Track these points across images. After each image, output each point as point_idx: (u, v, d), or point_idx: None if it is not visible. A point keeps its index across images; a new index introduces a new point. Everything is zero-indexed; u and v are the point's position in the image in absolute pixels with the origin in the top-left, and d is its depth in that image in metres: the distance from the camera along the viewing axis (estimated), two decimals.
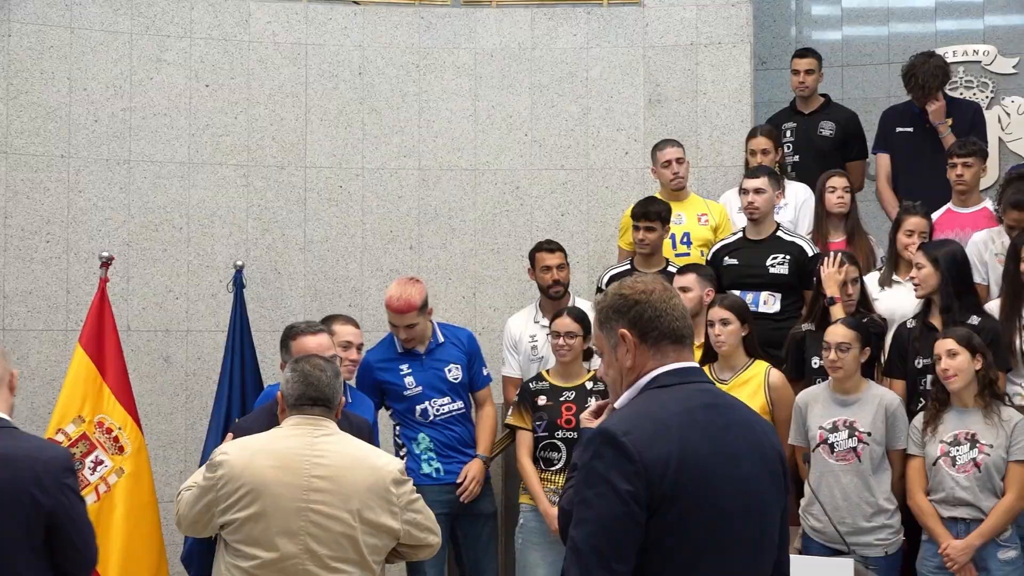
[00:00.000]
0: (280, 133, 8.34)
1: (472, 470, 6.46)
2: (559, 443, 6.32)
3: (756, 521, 2.99)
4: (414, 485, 4.63)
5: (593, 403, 3.39)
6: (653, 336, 3.05)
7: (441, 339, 6.65)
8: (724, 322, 6.08)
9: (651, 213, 6.97)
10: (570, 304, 6.86)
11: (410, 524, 4.47)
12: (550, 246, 7.10)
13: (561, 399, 6.35)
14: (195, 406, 7.99)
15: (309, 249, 8.31)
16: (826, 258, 6.39)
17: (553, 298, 6.98)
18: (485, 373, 6.79)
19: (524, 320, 7.12)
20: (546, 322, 6.70)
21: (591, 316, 6.61)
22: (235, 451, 4.47)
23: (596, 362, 6.77)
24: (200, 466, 6.96)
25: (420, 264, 8.13)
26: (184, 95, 8.22)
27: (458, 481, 6.43)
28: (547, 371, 6.56)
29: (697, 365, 3.14)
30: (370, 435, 5.27)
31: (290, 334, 5.27)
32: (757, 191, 6.90)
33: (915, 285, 6.22)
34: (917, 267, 6.20)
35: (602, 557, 2.84)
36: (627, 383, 3.09)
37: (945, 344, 5.64)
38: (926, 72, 7.60)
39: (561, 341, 6.37)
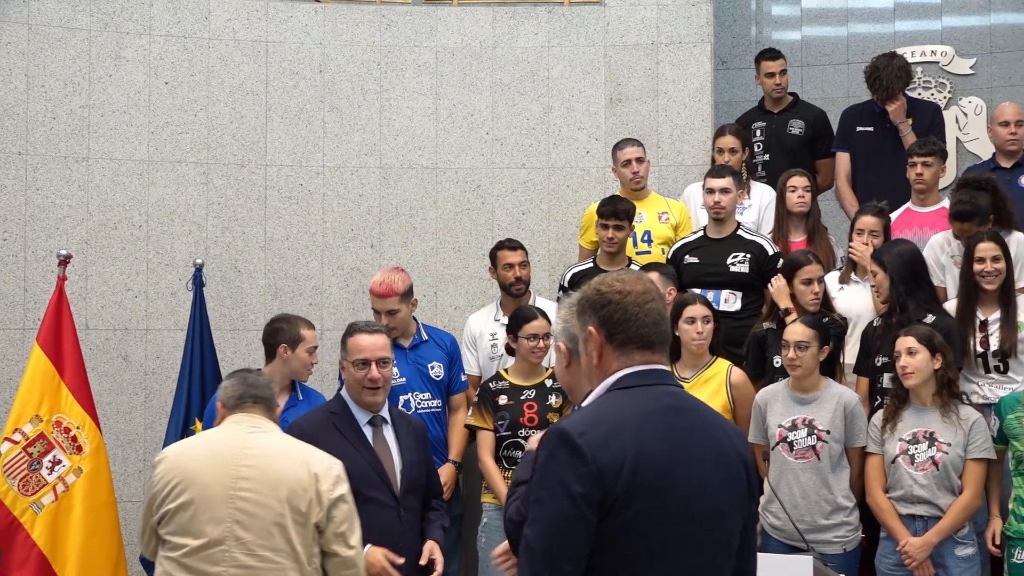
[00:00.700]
0: (240, 131, 8.30)
1: (443, 475, 6.44)
2: (523, 441, 6.33)
3: (714, 525, 2.98)
4: None
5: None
6: (619, 339, 3.05)
7: (425, 337, 6.74)
8: (706, 319, 6.11)
9: (620, 212, 7.00)
10: (531, 302, 6.87)
11: (330, 521, 4.47)
12: (511, 244, 7.12)
13: (522, 398, 6.36)
14: (154, 405, 7.94)
15: (269, 247, 8.28)
16: (773, 279, 6.45)
17: (515, 296, 6.99)
18: (463, 379, 6.82)
19: (485, 318, 7.13)
20: (506, 320, 6.70)
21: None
22: (172, 449, 4.67)
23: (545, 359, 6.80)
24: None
25: (381, 263, 8.11)
26: (143, 92, 8.17)
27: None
28: (506, 370, 6.56)
29: (665, 368, 3.12)
30: (425, 438, 5.45)
31: (348, 333, 5.30)
32: (723, 191, 6.94)
33: (874, 292, 6.29)
34: (872, 274, 6.26)
35: (552, 558, 2.85)
36: (595, 381, 3.09)
37: (906, 342, 5.68)
38: (890, 73, 7.66)
39: (540, 344, 6.39)
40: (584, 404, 3.09)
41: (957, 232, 6.56)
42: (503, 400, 6.41)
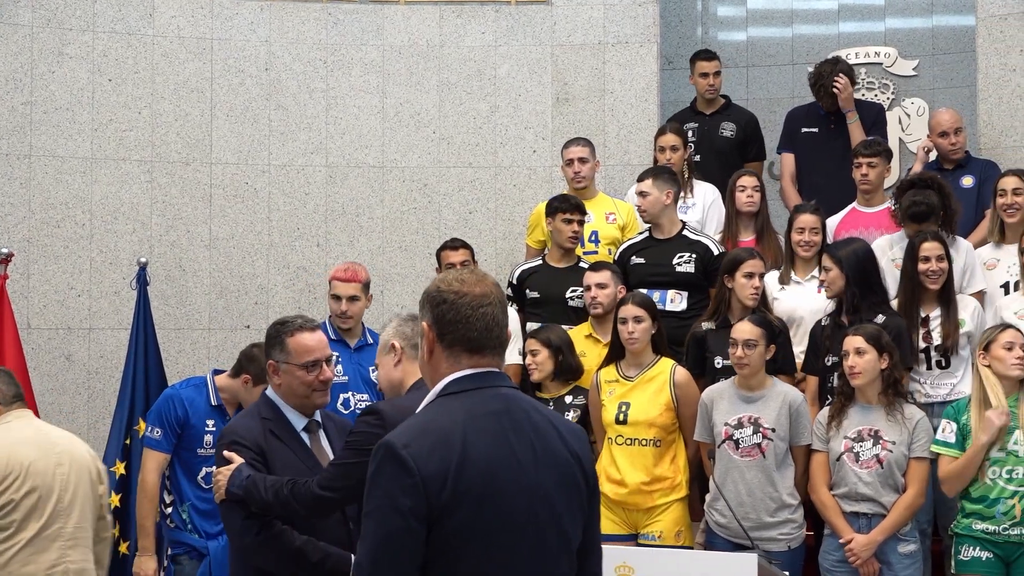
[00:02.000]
0: (185, 129, 8.25)
1: None
2: None
3: (547, 528, 2.96)
4: None
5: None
6: (448, 339, 3.03)
7: (370, 340, 6.68)
8: (637, 319, 6.12)
9: (581, 205, 7.07)
10: None
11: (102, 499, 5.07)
12: (454, 244, 7.12)
13: None
14: (97, 405, 7.87)
15: (214, 246, 8.23)
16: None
17: None
18: (372, 368, 6.78)
19: None
20: None
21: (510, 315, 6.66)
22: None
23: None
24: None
25: (327, 262, 8.09)
26: (87, 89, 8.10)
27: None
28: None
29: (496, 370, 3.06)
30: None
31: (285, 331, 4.69)
32: (642, 194, 6.99)
33: (825, 287, 6.32)
34: (825, 269, 6.29)
35: (382, 573, 2.85)
36: (428, 379, 3.10)
37: (854, 342, 5.72)
38: (832, 79, 7.72)
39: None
40: (418, 410, 3.07)
41: (911, 233, 6.61)
42: None
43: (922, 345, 6.25)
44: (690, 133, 8.07)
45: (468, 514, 2.85)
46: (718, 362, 6.23)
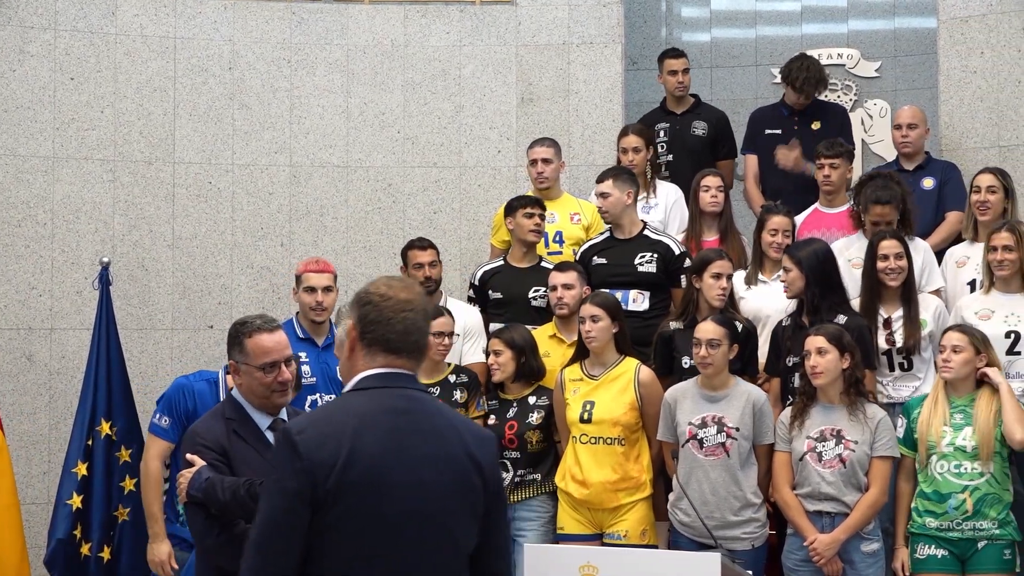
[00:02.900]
0: (148, 128, 8.20)
1: None
2: None
3: (432, 525, 3.08)
4: None
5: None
6: (368, 338, 3.19)
7: None
8: (595, 319, 6.13)
9: (540, 200, 7.10)
10: (442, 302, 6.87)
11: None
12: (421, 243, 7.11)
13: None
14: (59, 406, 7.82)
15: (177, 246, 8.19)
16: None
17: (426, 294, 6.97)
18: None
19: None
20: None
21: (454, 313, 6.65)
22: None
23: (467, 356, 6.80)
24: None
25: (291, 261, 8.06)
26: (48, 88, 8.04)
27: None
28: None
29: (409, 372, 3.21)
30: None
31: (243, 331, 4.58)
32: (602, 195, 7.00)
33: (785, 288, 6.35)
34: (785, 270, 6.32)
35: (264, 550, 3.03)
36: (346, 377, 3.27)
37: (815, 341, 5.75)
38: (805, 77, 7.77)
39: (445, 341, 6.42)
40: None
41: (876, 217, 6.65)
42: None
43: (884, 347, 6.28)
44: (662, 133, 8.09)
45: (351, 504, 2.99)
46: (686, 362, 6.24)
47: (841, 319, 6.11)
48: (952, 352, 5.74)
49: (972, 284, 6.67)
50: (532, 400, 6.39)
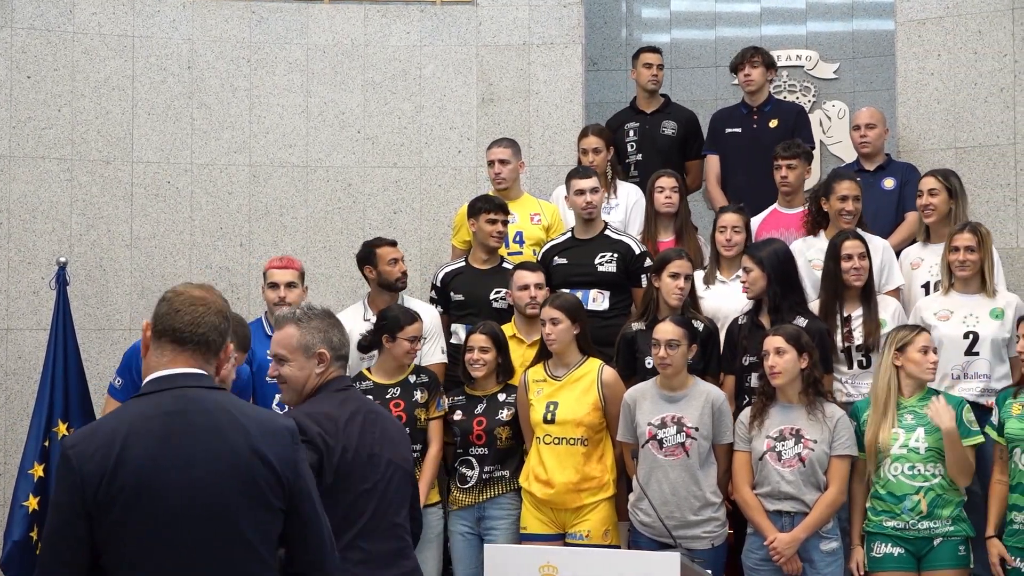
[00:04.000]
0: (106, 127, 8.15)
1: None
2: None
3: (214, 522, 3.15)
4: None
5: None
6: (158, 330, 3.31)
7: None
8: (554, 321, 6.15)
9: (504, 205, 7.10)
10: (399, 301, 6.86)
11: None
12: (391, 241, 7.11)
13: (387, 396, 6.31)
14: (15, 407, 7.76)
15: (136, 245, 8.14)
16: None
17: (397, 290, 6.97)
18: (268, 355, 6.71)
19: (352, 318, 7.05)
20: (375, 319, 6.66)
21: (423, 314, 6.64)
22: None
23: (427, 356, 6.78)
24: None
25: (251, 262, 8.03)
26: (4, 86, 7.97)
27: None
28: (368, 370, 6.51)
29: (192, 371, 3.28)
30: None
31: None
32: (592, 190, 7.00)
33: (745, 287, 6.37)
34: (745, 270, 6.35)
35: (46, 563, 3.15)
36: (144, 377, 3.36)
37: (774, 341, 5.78)
38: (753, 49, 7.89)
39: (417, 346, 6.40)
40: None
41: (844, 191, 6.74)
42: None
43: (843, 344, 6.32)
44: (631, 132, 8.10)
45: (123, 510, 3.08)
46: (648, 362, 6.25)
47: (801, 322, 6.14)
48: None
49: (926, 287, 6.72)
50: (502, 397, 6.40)
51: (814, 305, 6.47)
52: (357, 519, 4.11)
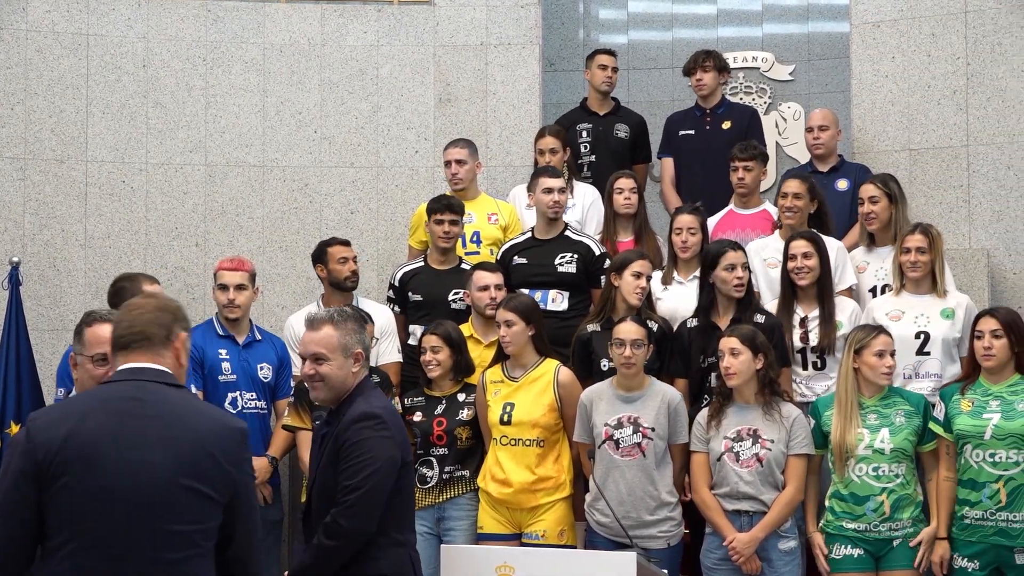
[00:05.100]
0: (60, 126, 8.09)
1: (257, 465, 6.41)
2: None
3: (147, 503, 3.36)
4: None
5: None
6: (112, 350, 3.62)
7: (259, 337, 6.71)
8: (508, 323, 6.16)
9: (454, 206, 7.04)
10: (354, 302, 6.85)
11: None
12: (342, 241, 7.11)
13: None
14: None
15: (90, 245, 8.08)
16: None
17: (348, 290, 6.97)
18: (292, 384, 6.73)
19: None
20: None
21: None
22: None
23: (383, 356, 6.77)
24: None
25: (207, 262, 7.99)
26: None
27: None
28: None
29: (148, 366, 3.54)
30: None
31: (86, 321, 4.55)
32: (560, 190, 7.02)
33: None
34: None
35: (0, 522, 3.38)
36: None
37: (728, 343, 5.80)
38: (705, 53, 7.93)
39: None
40: None
41: (786, 189, 6.83)
42: None
43: (799, 345, 6.36)
44: (584, 133, 8.11)
45: (69, 481, 3.34)
46: (604, 364, 6.26)
47: (759, 318, 6.18)
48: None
49: (873, 291, 6.75)
50: (462, 397, 6.39)
51: (772, 305, 6.51)
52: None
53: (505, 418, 6.11)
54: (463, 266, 7.09)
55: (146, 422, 3.42)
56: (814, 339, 6.35)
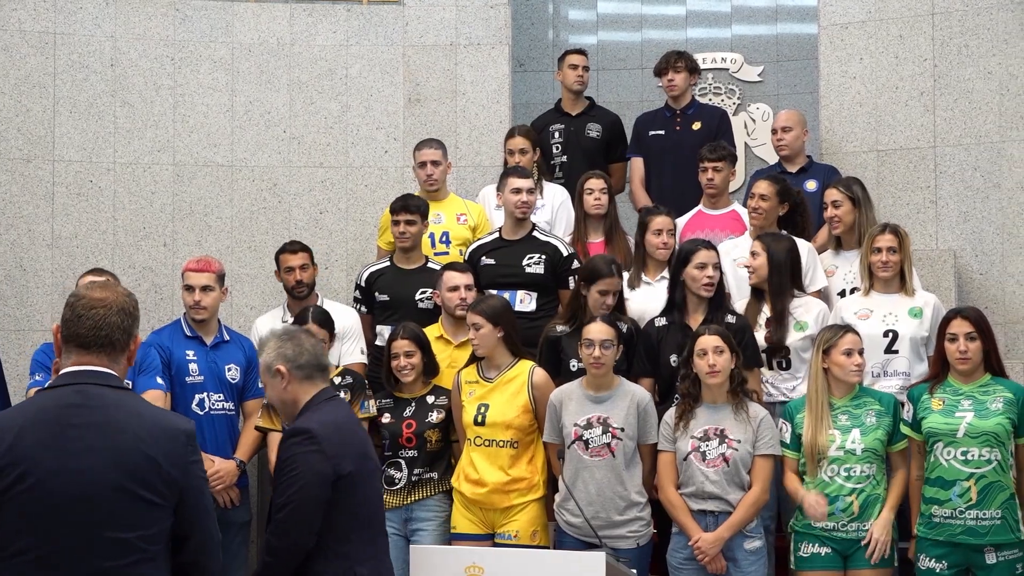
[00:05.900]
0: (26, 125, 8.04)
1: (224, 468, 6.39)
2: None
3: (87, 513, 3.32)
4: None
5: None
6: (65, 336, 3.52)
7: (227, 338, 6.68)
8: (476, 326, 6.16)
9: (411, 206, 7.03)
10: (317, 303, 6.84)
11: None
12: (292, 247, 7.10)
13: None
14: None
15: (57, 245, 8.03)
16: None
17: (297, 298, 6.98)
18: (260, 385, 6.69)
19: (272, 320, 7.02)
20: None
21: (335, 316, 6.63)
22: None
23: (346, 356, 6.75)
24: None
25: (175, 262, 7.95)
26: None
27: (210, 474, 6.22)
28: None
29: (97, 369, 3.47)
30: None
31: None
32: (529, 191, 7.02)
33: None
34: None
35: None
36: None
37: (712, 341, 5.79)
38: (677, 53, 7.97)
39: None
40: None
41: (754, 190, 6.88)
42: None
43: (764, 345, 6.38)
44: (556, 134, 8.13)
45: (8, 492, 3.30)
46: (573, 365, 6.27)
47: (731, 319, 6.21)
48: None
49: (842, 294, 6.78)
50: (431, 399, 6.39)
51: (740, 305, 6.53)
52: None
53: (479, 419, 6.11)
54: (430, 266, 7.07)
55: (85, 431, 3.38)
56: (762, 340, 6.36)
